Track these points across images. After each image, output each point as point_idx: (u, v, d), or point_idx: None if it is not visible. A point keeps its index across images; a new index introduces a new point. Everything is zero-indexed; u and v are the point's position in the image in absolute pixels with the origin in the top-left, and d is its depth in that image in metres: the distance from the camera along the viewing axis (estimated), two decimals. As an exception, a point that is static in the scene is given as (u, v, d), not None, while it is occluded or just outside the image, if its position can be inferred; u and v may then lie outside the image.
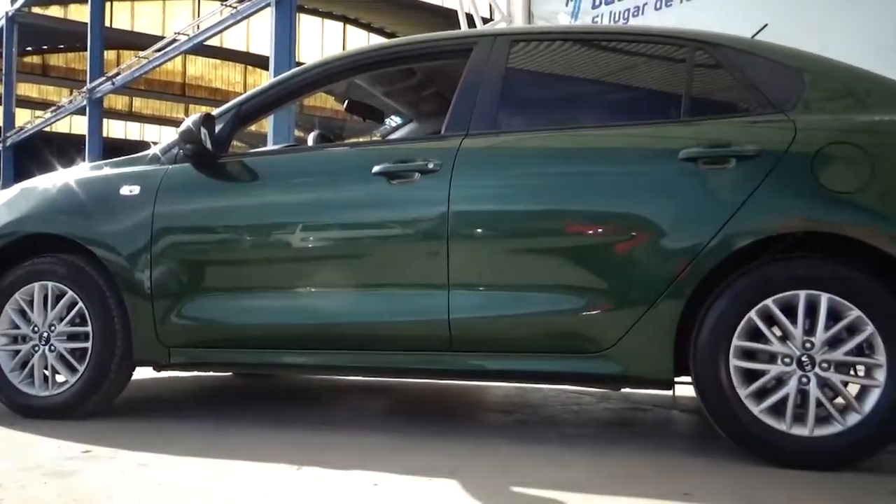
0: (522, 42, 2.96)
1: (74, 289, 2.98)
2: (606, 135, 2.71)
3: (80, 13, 23.47)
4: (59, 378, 3.01)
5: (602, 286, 2.53)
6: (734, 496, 2.10)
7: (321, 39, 29.14)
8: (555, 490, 2.13)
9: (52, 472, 2.27)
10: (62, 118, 21.10)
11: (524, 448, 2.62)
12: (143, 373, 3.22)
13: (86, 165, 3.42)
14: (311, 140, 3.69)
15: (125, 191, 3.02)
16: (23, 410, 3.02)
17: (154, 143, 3.30)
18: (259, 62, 25.47)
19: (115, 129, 29.97)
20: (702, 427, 3.01)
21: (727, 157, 2.46)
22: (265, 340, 2.89)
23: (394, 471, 2.31)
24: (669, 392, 2.58)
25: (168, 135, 18.59)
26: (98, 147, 17.40)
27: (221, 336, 2.92)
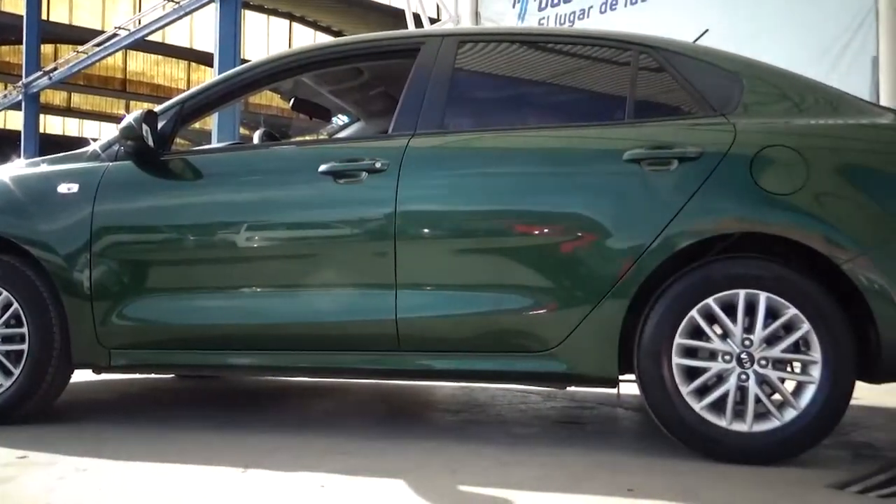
0: (470, 43, 2.97)
1: (9, 289, 2.89)
2: (552, 136, 2.74)
3: (15, 5, 22.77)
4: (-7, 381, 2.91)
5: (548, 286, 2.55)
6: (675, 491, 2.14)
7: (267, 37, 28.82)
8: (502, 489, 2.14)
9: (-14, 479, 2.21)
10: (-4, 113, 20.45)
11: (472, 448, 2.63)
12: (83, 376, 3.14)
13: (21, 162, 3.32)
14: (257, 138, 3.64)
15: (63, 188, 2.94)
16: (-46, 416, 2.92)
17: (93, 140, 3.22)
18: (203, 59, 25.10)
19: (53, 125, 29.17)
20: (645, 424, 3.06)
21: (670, 159, 2.51)
22: (210, 341, 2.84)
23: (341, 472, 2.29)
24: (614, 390, 2.62)
25: (108, 131, 18.17)
26: (34, 143, 16.92)
27: (164, 337, 2.87)
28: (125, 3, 27.49)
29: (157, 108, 3.01)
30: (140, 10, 21.13)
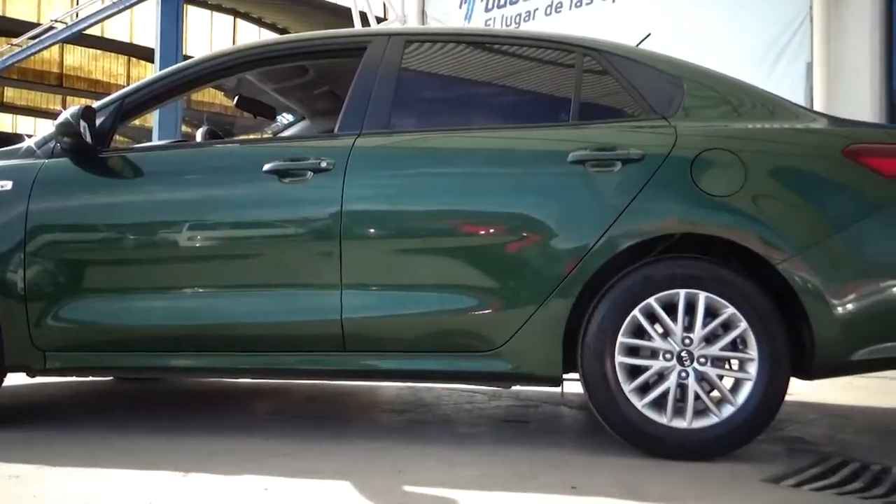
0: (416, 42, 2.97)
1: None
2: (498, 136, 2.76)
3: (-55, -4, 21.95)
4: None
5: (493, 286, 2.57)
6: (617, 487, 2.18)
7: (210, 33, 28.32)
8: (448, 489, 2.15)
9: (-88, 488, 2.12)
10: (-76, 107, 19.67)
11: (417, 448, 2.63)
12: (17, 379, 3.04)
13: (-49, 158, 3.20)
14: (200, 136, 3.58)
15: (-5, 186, 2.84)
16: None
17: (28, 136, 3.12)
18: (144, 54, 24.54)
19: (-15, 121, 28.19)
20: (589, 422, 3.10)
21: (613, 161, 2.55)
22: (150, 343, 2.78)
23: (285, 474, 2.27)
24: (558, 389, 2.65)
25: (44, 127, 17.66)
26: (-35, 139, 16.32)
27: (102, 339, 2.80)
28: (62, -5, 26.73)
29: (96, 104, 2.93)
30: (78, 3, 20.58)
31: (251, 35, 28.16)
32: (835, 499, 2.13)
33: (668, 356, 2.46)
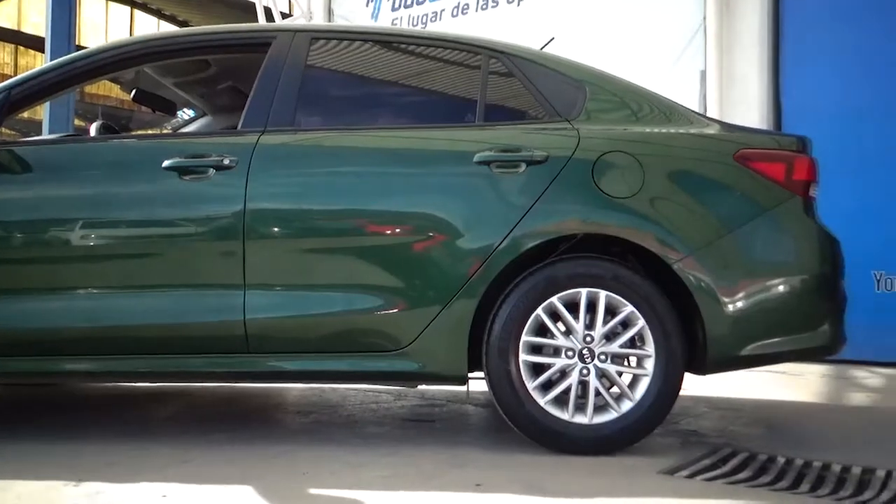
0: (322, 39, 2.94)
1: None
2: (404, 136, 2.76)
3: None
4: None
5: (398, 286, 2.57)
6: (520, 483, 2.22)
7: (105, 23, 27.22)
8: (353, 490, 2.14)
9: None
10: None
11: (322, 450, 2.60)
12: None
13: None
14: (94, 131, 3.43)
15: None
16: None
17: None
18: (33, 43, 23.36)
19: None
20: (494, 420, 3.14)
21: (518, 162, 2.59)
22: (42, 346, 2.64)
23: (184, 481, 2.21)
24: (463, 387, 2.67)
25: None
26: None
27: (-13, 343, 2.64)
28: (-58, -21, 25.17)
29: (-20, 95, 2.77)
30: None
31: (149, 27, 27.24)
32: (725, 488, 2.23)
33: (571, 354, 2.52)
